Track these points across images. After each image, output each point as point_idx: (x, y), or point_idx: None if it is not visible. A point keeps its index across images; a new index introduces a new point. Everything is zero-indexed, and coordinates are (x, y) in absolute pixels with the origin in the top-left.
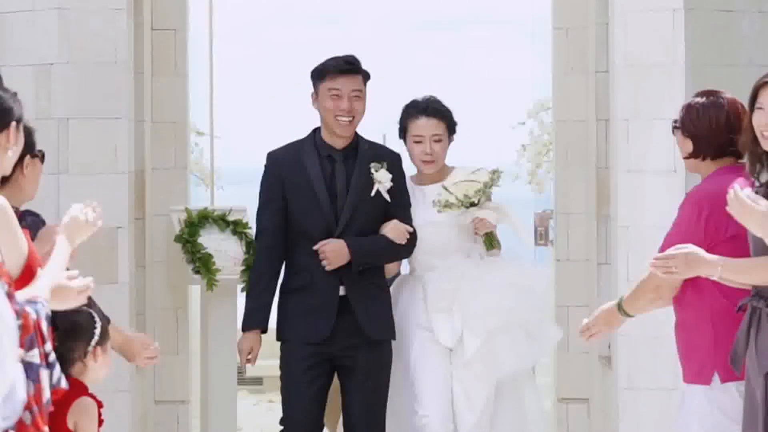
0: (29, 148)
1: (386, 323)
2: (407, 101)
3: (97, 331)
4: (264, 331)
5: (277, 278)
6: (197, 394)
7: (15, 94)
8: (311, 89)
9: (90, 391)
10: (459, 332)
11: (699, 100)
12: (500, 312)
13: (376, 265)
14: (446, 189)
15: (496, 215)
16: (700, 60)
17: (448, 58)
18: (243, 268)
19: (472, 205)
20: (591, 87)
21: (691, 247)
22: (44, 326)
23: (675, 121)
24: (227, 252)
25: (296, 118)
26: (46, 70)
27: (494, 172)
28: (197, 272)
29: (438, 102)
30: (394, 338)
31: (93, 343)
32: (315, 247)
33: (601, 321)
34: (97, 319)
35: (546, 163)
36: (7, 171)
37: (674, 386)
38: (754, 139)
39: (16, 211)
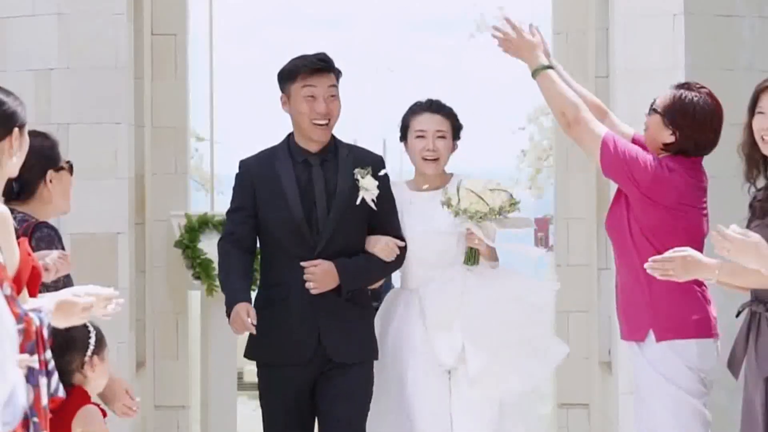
0: (52, 162)
1: (364, 345)
2: (408, 104)
3: (92, 341)
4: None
5: (249, 273)
6: (197, 399)
7: (19, 98)
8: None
9: (93, 400)
10: (459, 350)
11: (691, 95)
12: (505, 329)
13: (363, 287)
14: (458, 189)
15: (490, 238)
16: (700, 64)
17: (447, 62)
18: None
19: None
20: (591, 92)
21: (688, 251)
22: (46, 334)
23: (655, 105)
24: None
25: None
26: (46, 75)
27: (513, 203)
28: (197, 277)
29: (442, 102)
30: (376, 358)
31: (89, 353)
32: (304, 265)
33: None
34: (91, 329)
35: (546, 168)
36: (14, 174)
37: None
38: (753, 144)
39: (29, 224)
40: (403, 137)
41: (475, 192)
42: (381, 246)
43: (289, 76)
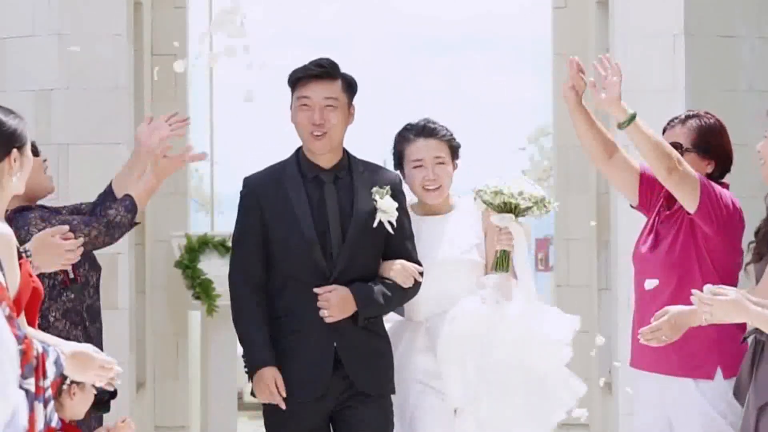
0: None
1: (384, 376)
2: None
3: None
4: (277, 364)
5: (266, 318)
6: (197, 419)
7: (21, 117)
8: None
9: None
10: (473, 388)
11: (706, 119)
12: (521, 370)
13: (381, 314)
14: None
15: (525, 239)
16: (700, 85)
17: (447, 83)
18: None
19: (513, 210)
20: (591, 112)
21: (670, 311)
22: (48, 365)
23: (684, 146)
24: (227, 277)
25: (296, 142)
26: (46, 96)
27: (551, 203)
28: (197, 298)
29: (435, 122)
30: (394, 392)
31: (68, 381)
32: (317, 291)
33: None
34: None
35: (546, 188)
36: (19, 192)
37: None
38: None
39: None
40: (399, 165)
41: (519, 183)
42: (398, 269)
43: (290, 85)
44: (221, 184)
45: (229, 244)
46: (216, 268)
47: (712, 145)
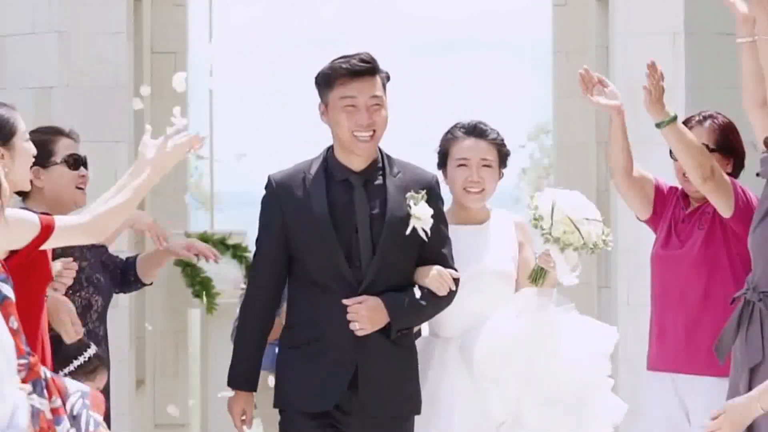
0: None
1: (405, 400)
2: (409, 121)
3: (80, 359)
4: (254, 390)
5: (268, 328)
6: (197, 417)
7: (10, 107)
8: (317, 99)
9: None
10: (512, 404)
11: (719, 119)
12: (564, 380)
13: (415, 326)
14: (552, 209)
15: (568, 267)
16: (700, 83)
17: (447, 82)
18: (243, 291)
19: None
20: (591, 110)
21: (727, 407)
22: (62, 385)
23: (711, 146)
24: (227, 275)
25: (296, 140)
26: (46, 94)
27: (606, 240)
28: (197, 295)
29: (487, 125)
30: (418, 413)
31: (71, 367)
32: (346, 302)
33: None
34: (88, 351)
35: (547, 186)
36: (23, 188)
37: None
38: None
39: None
40: (442, 164)
41: (573, 221)
42: (434, 276)
43: (326, 81)
44: (221, 183)
45: (229, 242)
46: (215, 266)
47: (732, 144)
